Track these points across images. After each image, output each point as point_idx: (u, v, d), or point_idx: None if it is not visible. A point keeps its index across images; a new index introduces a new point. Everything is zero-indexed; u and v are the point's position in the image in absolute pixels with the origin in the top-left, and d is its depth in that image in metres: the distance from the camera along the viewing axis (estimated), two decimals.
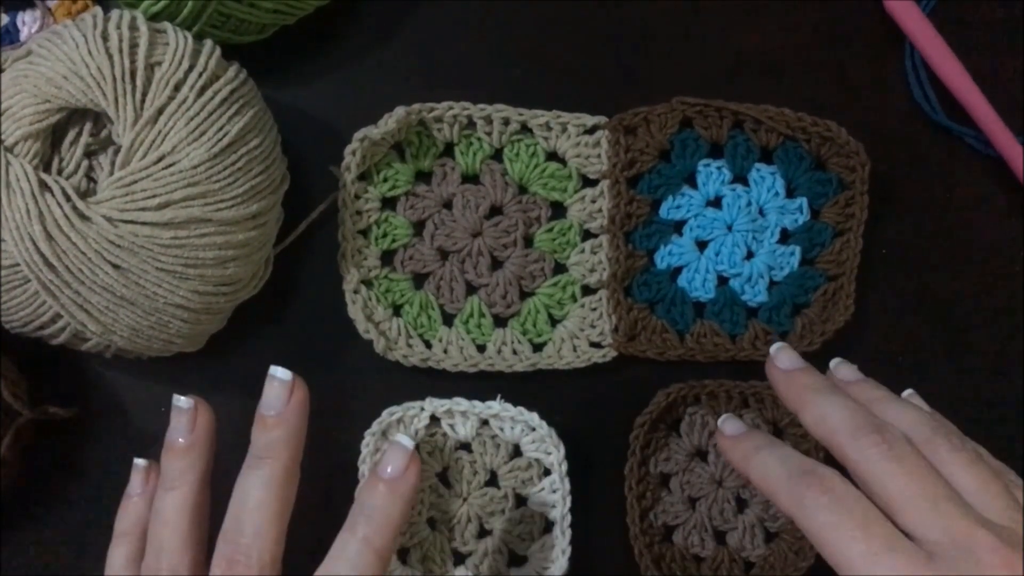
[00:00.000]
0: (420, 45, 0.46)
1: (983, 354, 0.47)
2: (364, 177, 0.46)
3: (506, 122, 0.46)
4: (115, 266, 0.37)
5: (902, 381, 0.44)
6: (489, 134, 0.46)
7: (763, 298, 0.46)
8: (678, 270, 0.47)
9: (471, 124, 0.46)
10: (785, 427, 0.45)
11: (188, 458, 0.39)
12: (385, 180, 0.46)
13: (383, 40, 0.47)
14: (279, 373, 0.38)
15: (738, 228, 0.46)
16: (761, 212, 0.46)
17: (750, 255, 0.46)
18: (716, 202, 0.47)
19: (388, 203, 0.46)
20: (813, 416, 0.37)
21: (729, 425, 0.40)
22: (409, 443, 0.38)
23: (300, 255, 0.46)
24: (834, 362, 0.41)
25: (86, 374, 0.46)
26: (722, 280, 0.47)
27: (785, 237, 0.46)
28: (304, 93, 0.47)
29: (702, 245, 0.47)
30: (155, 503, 0.38)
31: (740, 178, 0.47)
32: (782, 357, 0.40)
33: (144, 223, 0.37)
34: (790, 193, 0.46)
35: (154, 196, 0.37)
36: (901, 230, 0.47)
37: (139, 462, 0.41)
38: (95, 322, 0.38)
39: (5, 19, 0.45)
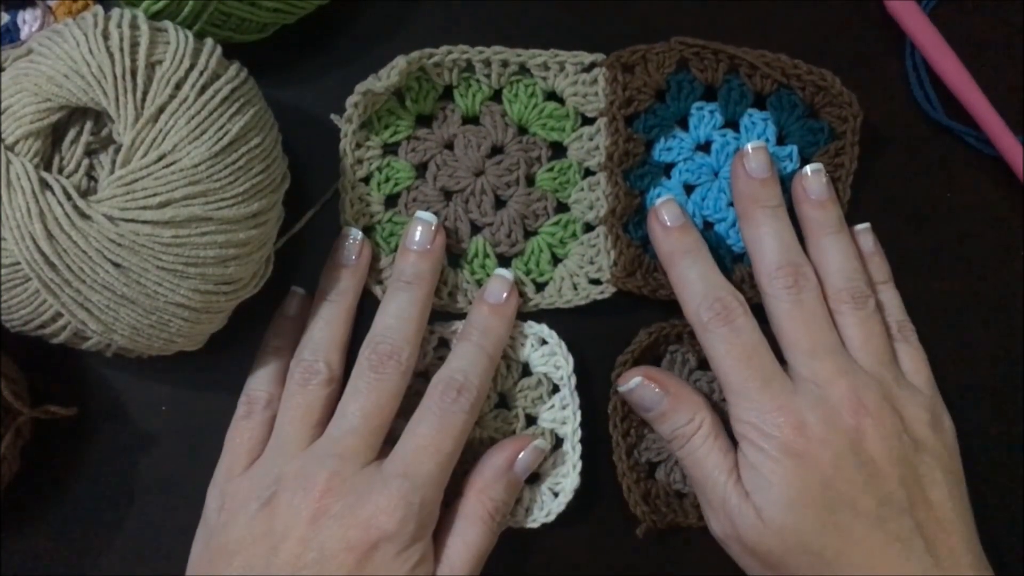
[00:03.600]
0: (420, 45, 0.46)
1: (983, 354, 0.47)
2: (365, 126, 0.46)
3: (504, 64, 0.46)
4: (116, 265, 0.37)
5: None
6: (488, 76, 0.46)
7: None
8: None
9: (470, 67, 0.46)
10: None
11: (353, 278, 0.44)
12: (387, 127, 0.46)
13: (383, 40, 0.47)
14: (426, 216, 0.44)
15: (724, 175, 0.47)
16: None
17: None
18: (706, 147, 0.47)
19: (389, 149, 0.47)
20: (749, 240, 0.44)
21: (667, 210, 0.45)
22: (509, 274, 0.45)
23: (301, 254, 0.46)
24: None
25: (86, 374, 0.46)
26: (708, 224, 0.47)
27: None
28: (304, 93, 0.47)
29: (690, 189, 0.47)
30: (318, 310, 0.44)
31: (732, 123, 0.47)
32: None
33: (145, 222, 0.37)
34: (781, 140, 0.47)
35: (155, 195, 0.37)
36: (901, 229, 0.47)
37: (297, 289, 0.46)
38: (96, 321, 0.38)
39: (6, 18, 0.45)
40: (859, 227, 0.46)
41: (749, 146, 0.44)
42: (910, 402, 0.41)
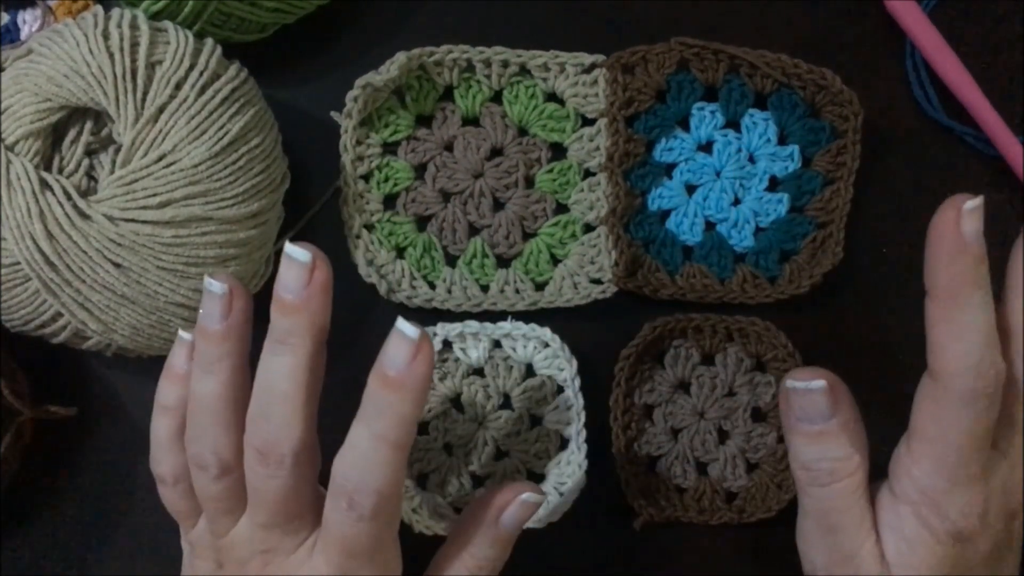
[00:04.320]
0: (420, 45, 0.46)
1: None
2: (365, 123, 0.46)
3: (505, 64, 0.46)
4: (116, 264, 0.37)
5: (906, 376, 0.44)
6: (488, 77, 0.46)
7: (750, 243, 0.47)
8: (667, 213, 0.47)
9: (470, 67, 0.46)
10: (768, 361, 0.46)
11: (224, 345, 0.36)
12: (386, 126, 0.46)
13: (383, 40, 0.47)
14: (296, 253, 0.34)
15: (726, 175, 0.47)
16: (751, 159, 0.47)
17: (737, 201, 0.47)
18: (707, 147, 0.47)
19: (389, 149, 0.47)
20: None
21: (975, 220, 0.34)
22: (412, 330, 0.33)
23: None
24: None
25: (86, 374, 0.46)
26: (710, 224, 0.47)
27: (774, 185, 0.47)
28: (304, 93, 0.47)
29: (691, 189, 0.47)
30: (193, 385, 0.36)
31: (733, 123, 0.47)
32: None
33: (145, 221, 0.37)
34: (782, 140, 0.47)
35: (155, 195, 0.37)
36: (901, 229, 0.47)
37: (184, 335, 0.38)
38: (96, 321, 0.38)
39: (5, 18, 0.45)
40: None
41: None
42: None
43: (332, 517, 0.35)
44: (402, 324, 0.33)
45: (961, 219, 0.34)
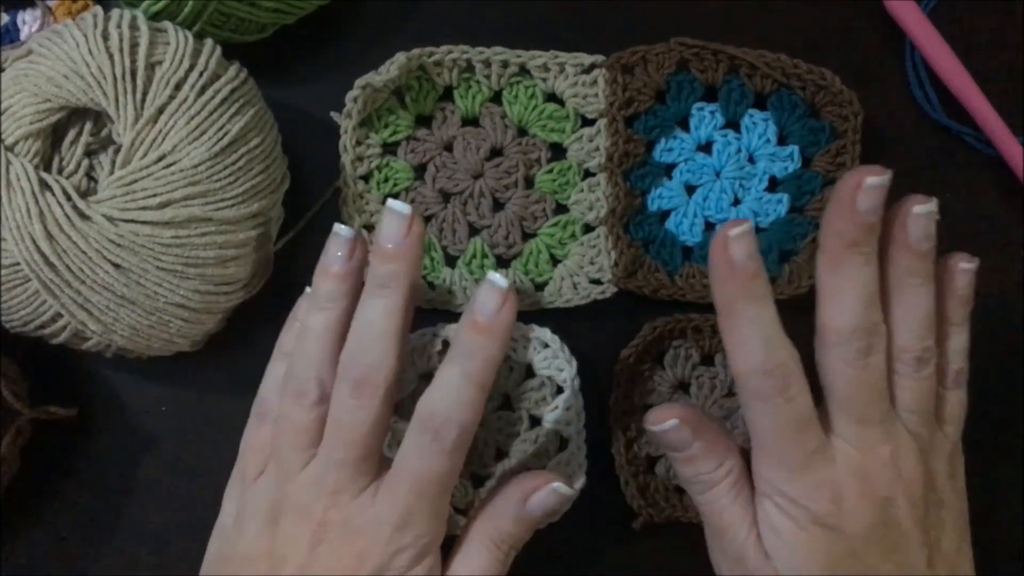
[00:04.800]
0: (420, 45, 0.46)
1: (983, 354, 0.47)
2: (365, 124, 0.46)
3: (504, 64, 0.46)
4: (115, 265, 0.37)
5: None
6: (488, 77, 0.46)
7: None
8: (667, 213, 0.47)
9: (470, 68, 0.46)
10: None
11: (342, 285, 0.40)
12: (386, 126, 0.46)
13: (383, 40, 0.47)
14: (396, 206, 0.39)
15: (726, 175, 0.47)
16: (751, 159, 0.47)
17: (737, 202, 0.47)
18: (707, 147, 0.47)
19: (389, 149, 0.47)
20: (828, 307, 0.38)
21: (741, 246, 0.37)
22: (501, 281, 0.38)
23: (301, 255, 0.46)
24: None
25: (86, 374, 0.46)
26: (710, 225, 0.47)
27: (774, 185, 0.47)
28: (304, 93, 0.47)
29: (691, 189, 0.47)
30: (305, 320, 0.40)
31: (732, 123, 0.47)
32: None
33: (144, 222, 0.37)
34: (782, 140, 0.47)
35: (155, 195, 0.37)
36: None
37: (309, 289, 0.42)
38: (95, 321, 0.38)
39: (5, 18, 0.45)
40: (964, 265, 0.40)
41: (847, 178, 0.37)
42: (938, 455, 0.39)
43: (412, 451, 0.38)
44: (493, 275, 0.38)
45: (729, 245, 0.37)
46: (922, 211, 0.38)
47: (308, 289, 0.42)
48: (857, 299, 0.37)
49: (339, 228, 0.40)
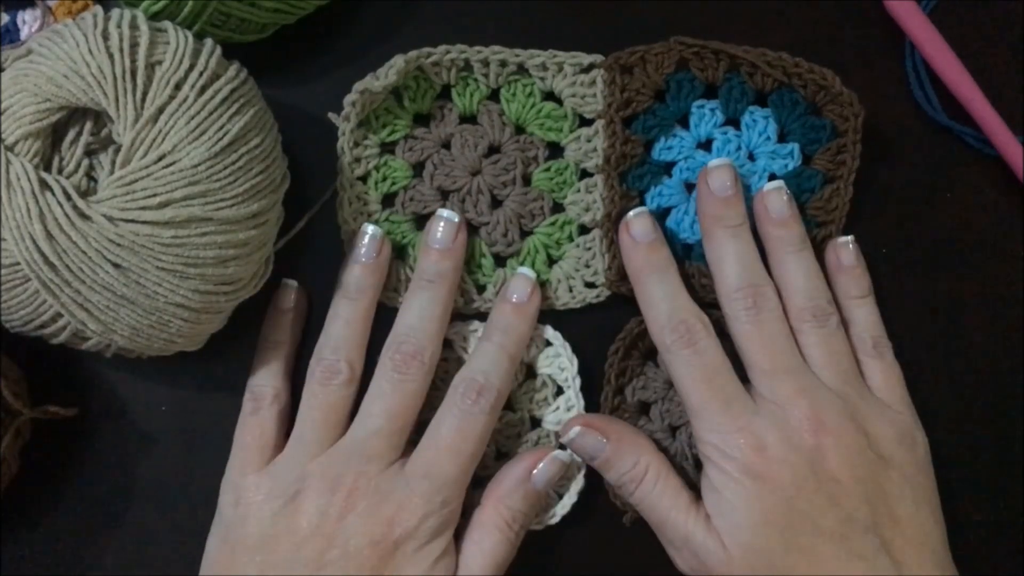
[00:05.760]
0: (419, 45, 0.46)
1: (983, 354, 0.47)
2: (363, 124, 0.46)
3: (503, 64, 0.46)
4: (115, 265, 0.37)
5: (905, 373, 0.44)
6: (486, 76, 0.46)
7: None
8: (667, 211, 0.47)
9: (468, 67, 0.46)
10: None
11: (370, 278, 0.44)
12: (384, 126, 0.46)
13: (383, 40, 0.47)
14: (447, 214, 0.44)
15: None
16: (751, 157, 0.47)
17: None
18: (707, 145, 0.47)
19: (387, 148, 0.47)
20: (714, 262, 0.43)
21: (639, 225, 0.44)
22: (532, 274, 0.45)
23: (300, 254, 0.46)
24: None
25: (86, 374, 0.46)
26: None
27: None
28: (304, 93, 0.47)
29: (691, 187, 0.47)
30: (334, 308, 0.44)
31: (733, 121, 0.47)
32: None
33: (144, 222, 0.37)
34: (782, 138, 0.47)
35: (155, 195, 0.37)
36: (900, 229, 0.47)
37: (289, 282, 0.46)
38: (95, 321, 0.38)
39: (5, 18, 0.45)
40: (840, 240, 0.45)
41: (712, 163, 0.44)
42: (876, 418, 0.41)
43: (452, 411, 0.42)
44: (524, 269, 0.45)
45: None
46: (773, 187, 0.44)
47: (286, 281, 0.45)
48: (735, 262, 0.42)
49: (368, 227, 0.44)
